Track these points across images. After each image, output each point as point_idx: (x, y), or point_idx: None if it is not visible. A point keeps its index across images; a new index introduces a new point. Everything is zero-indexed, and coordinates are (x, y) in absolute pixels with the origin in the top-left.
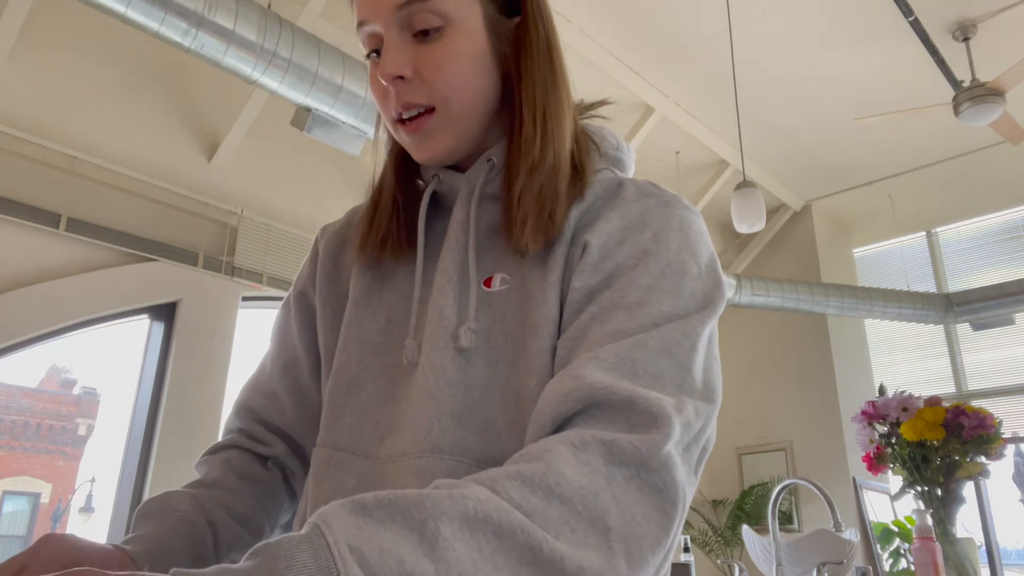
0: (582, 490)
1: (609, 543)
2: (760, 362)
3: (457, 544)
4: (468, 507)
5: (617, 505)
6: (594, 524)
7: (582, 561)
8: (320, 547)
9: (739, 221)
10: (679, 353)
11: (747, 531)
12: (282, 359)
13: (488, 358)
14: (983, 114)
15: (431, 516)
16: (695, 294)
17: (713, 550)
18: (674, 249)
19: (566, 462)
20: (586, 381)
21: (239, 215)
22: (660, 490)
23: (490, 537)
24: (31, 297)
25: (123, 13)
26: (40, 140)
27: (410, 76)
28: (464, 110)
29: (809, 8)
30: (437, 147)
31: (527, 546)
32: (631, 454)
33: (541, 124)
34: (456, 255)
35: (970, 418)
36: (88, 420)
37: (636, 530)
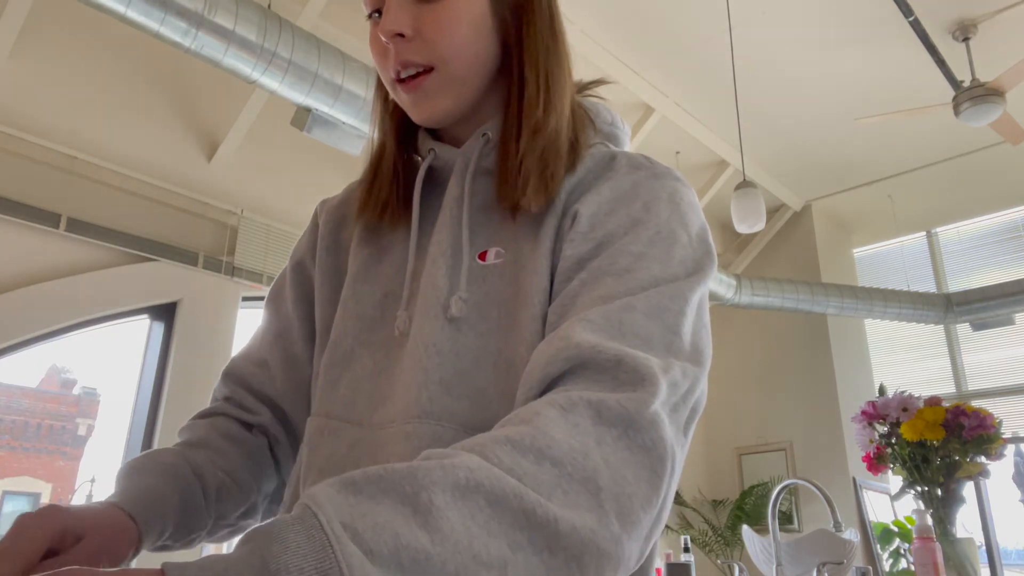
0: (572, 452)
1: (600, 503)
2: (760, 362)
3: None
4: (459, 476)
5: (607, 465)
6: (585, 485)
7: (575, 521)
8: (313, 527)
9: (739, 221)
10: (667, 316)
11: (747, 531)
12: (275, 328)
13: (480, 328)
14: (983, 114)
15: (423, 488)
16: (684, 261)
17: (713, 550)
18: (664, 218)
19: (555, 424)
20: (574, 341)
21: (239, 215)
22: (648, 449)
23: (483, 505)
24: (31, 297)
25: (123, 13)
26: (40, 140)
27: (410, 35)
28: (463, 71)
29: (809, 8)
30: (436, 106)
31: (520, 510)
32: (619, 414)
33: (544, 87)
34: (450, 228)
35: (970, 418)
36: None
37: (626, 488)
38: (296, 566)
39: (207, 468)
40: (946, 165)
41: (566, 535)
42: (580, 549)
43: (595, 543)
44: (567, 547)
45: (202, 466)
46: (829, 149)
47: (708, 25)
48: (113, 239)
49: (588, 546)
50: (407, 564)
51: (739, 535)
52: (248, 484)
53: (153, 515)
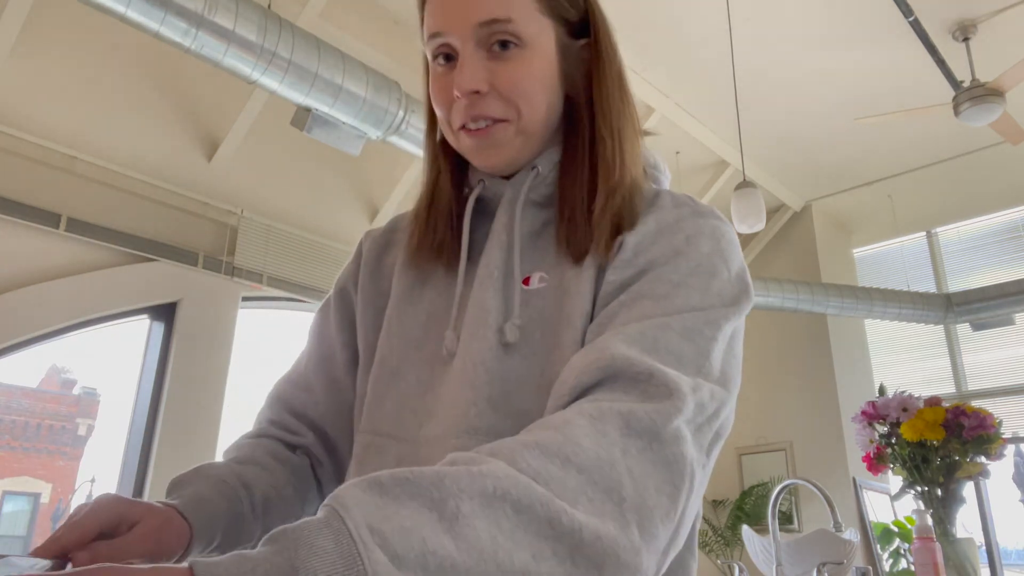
0: (598, 460)
1: (623, 513)
2: (760, 362)
3: (477, 522)
4: (487, 485)
5: (631, 477)
6: (609, 494)
7: (599, 530)
8: (340, 531)
9: (739, 221)
10: (700, 340)
11: (747, 531)
12: (319, 353)
13: (525, 351)
14: (983, 114)
15: (451, 495)
16: (722, 294)
17: (713, 550)
18: (706, 252)
19: (583, 432)
20: (608, 352)
21: (239, 215)
22: (670, 464)
23: (509, 513)
24: (31, 297)
25: (123, 13)
26: (40, 140)
27: (485, 91)
28: (534, 126)
29: (809, 8)
30: (501, 157)
31: (546, 519)
32: (647, 426)
33: (619, 149)
34: (499, 254)
35: (970, 418)
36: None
37: (648, 501)
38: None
39: (255, 483)
40: (946, 165)
41: (589, 544)
42: (601, 559)
43: (616, 553)
44: (589, 556)
45: (250, 480)
46: (829, 149)
47: (708, 25)
48: (113, 239)
49: (609, 556)
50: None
51: (739, 535)
52: (292, 501)
53: (204, 520)
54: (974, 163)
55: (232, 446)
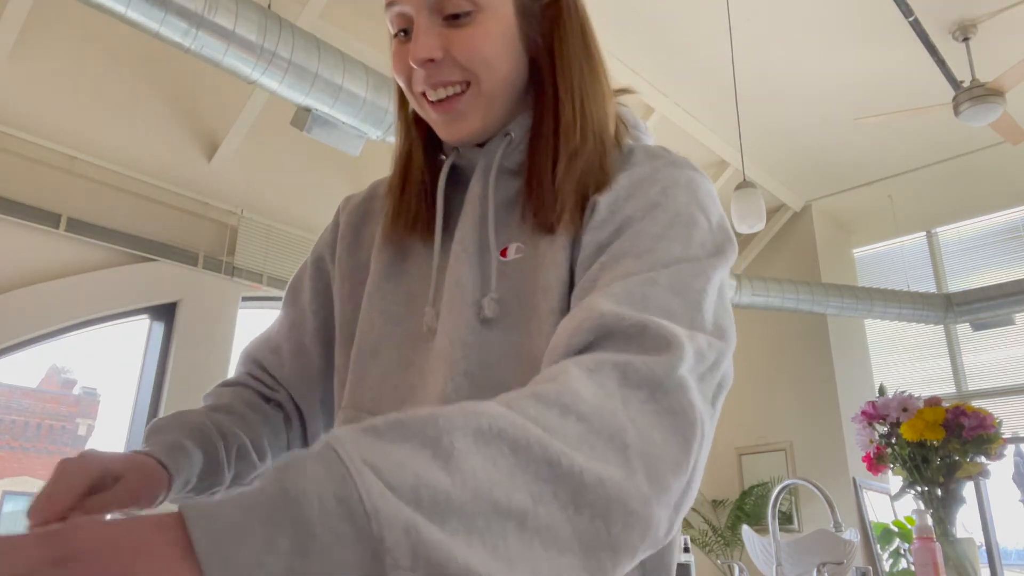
0: (599, 409)
1: (628, 459)
2: (760, 362)
3: (472, 459)
4: (482, 423)
5: (634, 426)
6: (612, 441)
7: (601, 474)
8: (333, 460)
9: (739, 221)
10: (689, 294)
11: (747, 531)
12: (290, 317)
13: (504, 324)
14: (983, 114)
15: (444, 432)
16: (705, 243)
17: (713, 550)
18: (683, 202)
19: (581, 383)
20: (597, 311)
21: (239, 215)
22: (677, 413)
23: (506, 452)
24: (31, 297)
25: (123, 13)
26: (40, 140)
27: (440, 57)
28: (494, 90)
29: (809, 8)
30: (467, 127)
31: (545, 460)
32: (646, 376)
33: (580, 109)
34: (474, 227)
35: (970, 418)
36: (88, 420)
37: (655, 450)
38: (315, 492)
39: (229, 430)
40: (946, 165)
41: (592, 488)
42: (606, 505)
43: (622, 500)
44: (593, 502)
45: (225, 427)
46: (829, 149)
47: (708, 25)
48: (113, 239)
49: (615, 503)
50: (426, 502)
51: (739, 535)
52: (264, 451)
53: (181, 464)
54: (974, 163)
55: (211, 392)
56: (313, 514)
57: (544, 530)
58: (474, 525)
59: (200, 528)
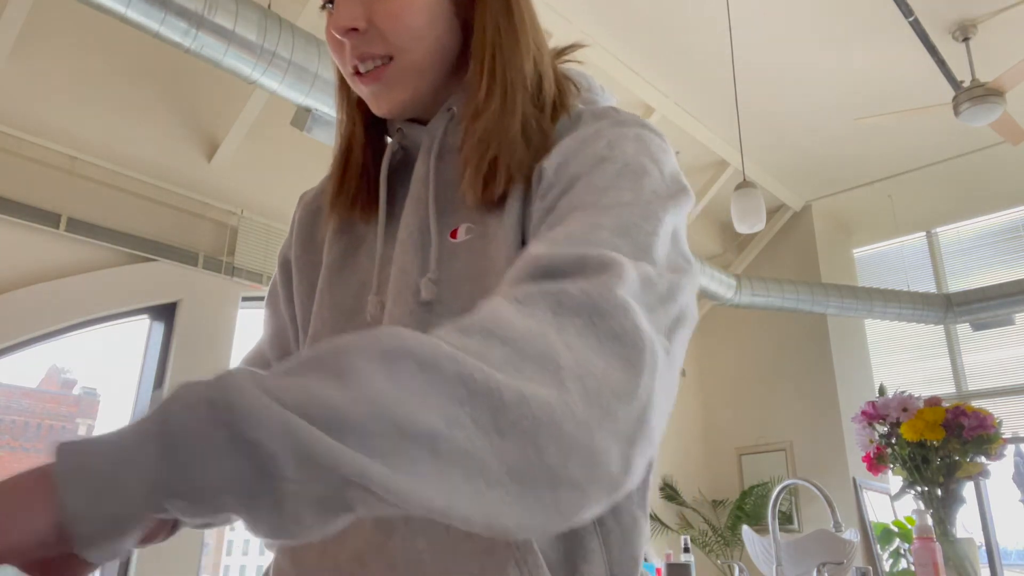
0: (528, 333)
1: (560, 380)
2: (760, 362)
3: (374, 375)
4: (387, 343)
5: (569, 350)
6: (541, 363)
7: (524, 390)
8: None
9: (739, 221)
10: (638, 234)
11: (747, 531)
12: (272, 327)
13: (454, 307)
14: (983, 114)
15: (346, 354)
16: (657, 191)
17: (713, 550)
18: (631, 153)
19: (509, 312)
20: (531, 255)
21: (239, 215)
22: (619, 336)
23: (413, 369)
24: (31, 297)
25: (123, 13)
26: (40, 140)
27: (364, 27)
28: (422, 60)
29: (809, 8)
30: (395, 98)
31: (457, 377)
32: (581, 301)
33: (489, 68)
34: (417, 210)
35: (970, 418)
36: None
37: (594, 371)
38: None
39: None
40: (946, 165)
41: (513, 407)
42: (533, 426)
43: (553, 421)
44: (517, 423)
45: None
46: (829, 149)
47: (708, 25)
48: (113, 239)
49: (544, 424)
50: (317, 418)
51: (739, 535)
52: None
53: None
54: (974, 163)
55: None
56: (185, 423)
57: (463, 457)
58: (374, 446)
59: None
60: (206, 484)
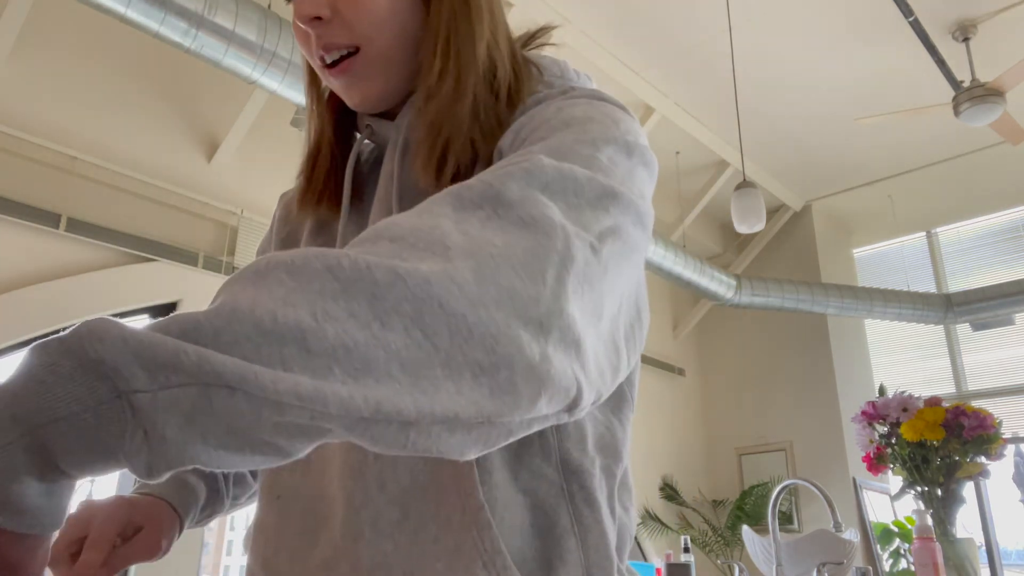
0: (418, 226)
1: (448, 257)
2: (760, 362)
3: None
4: (261, 263)
5: (465, 236)
6: (429, 247)
7: (398, 267)
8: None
9: (739, 221)
10: (572, 157)
11: (747, 531)
12: None
13: None
14: (983, 114)
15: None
16: (606, 135)
17: (713, 550)
18: (581, 111)
19: (402, 217)
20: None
21: (239, 215)
22: (527, 223)
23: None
24: (31, 297)
25: (123, 13)
26: (40, 140)
27: (328, 16)
28: (390, 49)
29: (809, 8)
30: (367, 90)
31: (325, 269)
32: (481, 192)
33: (443, 50)
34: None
35: (970, 418)
36: None
37: (491, 251)
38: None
39: None
40: (946, 165)
41: (387, 287)
42: (416, 307)
43: (436, 298)
44: (397, 306)
45: None
46: (829, 149)
47: (708, 25)
48: (113, 239)
49: (426, 303)
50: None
51: (739, 535)
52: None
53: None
54: (974, 163)
55: None
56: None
57: (341, 352)
58: (235, 350)
59: None
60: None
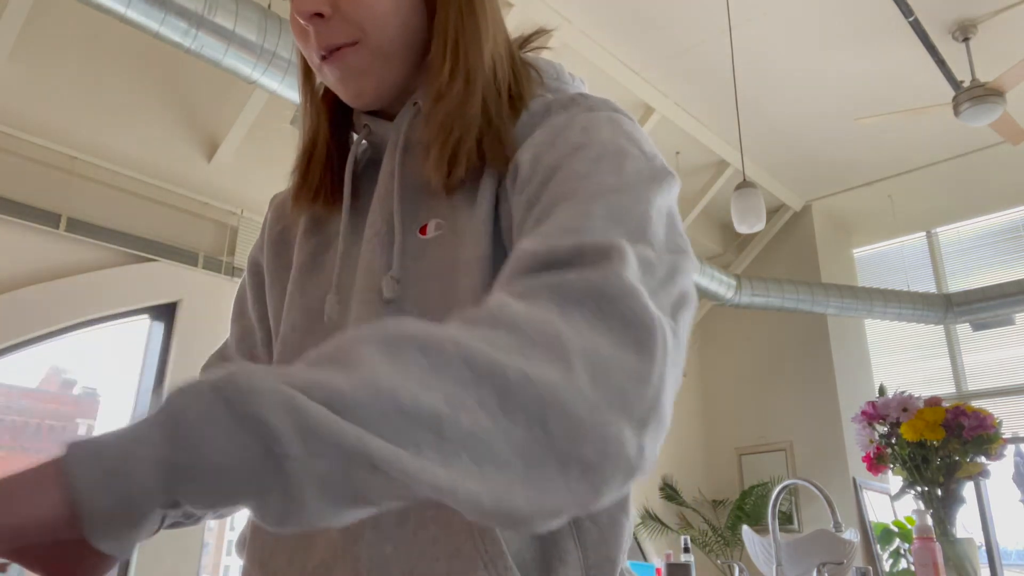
0: (533, 320)
1: (568, 363)
2: (760, 362)
3: (375, 361)
4: (390, 331)
5: (579, 335)
6: (550, 347)
7: (527, 369)
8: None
9: (739, 221)
10: (630, 219)
11: (747, 531)
12: (239, 329)
13: (422, 305)
14: (983, 114)
15: (347, 343)
16: (640, 171)
17: (713, 550)
18: (608, 137)
19: (513, 305)
20: (528, 250)
21: (239, 215)
22: (629, 320)
23: (416, 354)
24: (31, 297)
25: (123, 13)
26: (40, 140)
27: (328, 13)
28: (389, 44)
29: (809, 8)
30: (364, 84)
31: (460, 359)
32: (584, 288)
33: (452, 50)
34: (382, 206)
35: (970, 418)
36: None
37: (602, 353)
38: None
39: None
40: (946, 165)
41: (517, 386)
42: (540, 407)
43: (559, 401)
44: (524, 404)
45: None
46: (829, 149)
47: (708, 25)
48: (113, 239)
49: (550, 404)
50: (320, 397)
51: (739, 535)
52: None
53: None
54: (974, 163)
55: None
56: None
57: (470, 439)
58: (378, 427)
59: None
60: (212, 463)
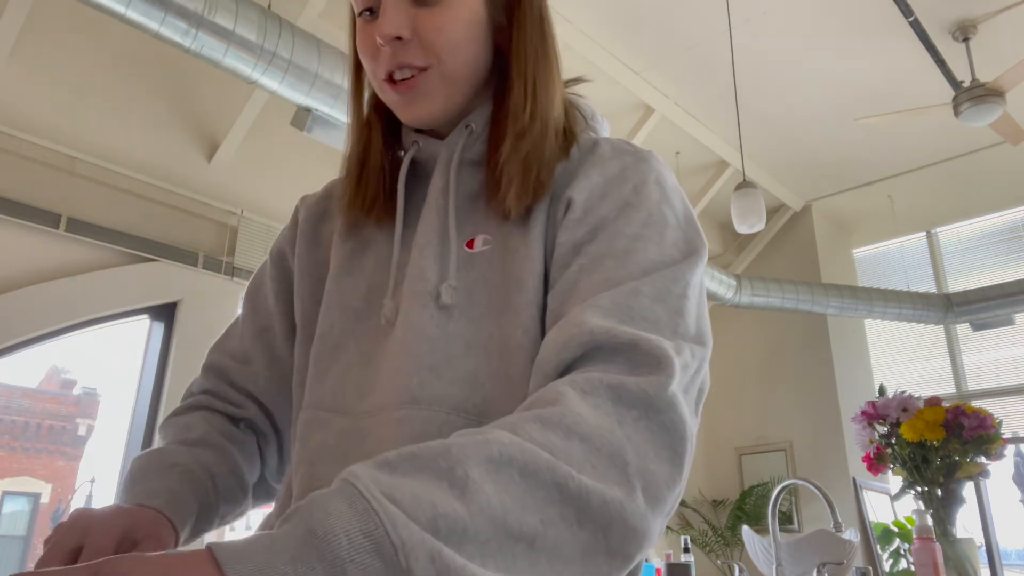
0: (599, 428)
1: (628, 478)
2: (760, 362)
3: (486, 486)
4: (493, 451)
5: (631, 443)
6: (613, 460)
7: (606, 495)
8: (353, 495)
9: (739, 221)
10: (671, 300)
11: (747, 531)
12: (255, 323)
13: (470, 314)
14: (983, 114)
15: (458, 462)
16: (677, 243)
17: (713, 550)
18: (655, 201)
19: (579, 405)
20: (587, 327)
21: (239, 215)
22: (669, 429)
23: (516, 478)
24: (31, 297)
25: (123, 13)
26: (40, 140)
27: (408, 37)
28: (457, 73)
29: (809, 8)
30: (426, 108)
31: (553, 483)
32: (638, 396)
33: (531, 92)
34: (436, 219)
35: (970, 418)
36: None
37: (651, 466)
38: (342, 529)
39: (217, 470)
40: (946, 165)
41: (597, 509)
42: (608, 522)
43: (623, 518)
44: (596, 520)
45: (212, 468)
46: (829, 149)
47: (708, 25)
48: (113, 239)
49: (616, 520)
50: (444, 532)
51: (739, 535)
52: (246, 485)
53: (185, 519)
54: (974, 163)
55: (178, 422)
56: (342, 551)
57: (552, 549)
58: (487, 550)
59: (232, 568)
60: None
